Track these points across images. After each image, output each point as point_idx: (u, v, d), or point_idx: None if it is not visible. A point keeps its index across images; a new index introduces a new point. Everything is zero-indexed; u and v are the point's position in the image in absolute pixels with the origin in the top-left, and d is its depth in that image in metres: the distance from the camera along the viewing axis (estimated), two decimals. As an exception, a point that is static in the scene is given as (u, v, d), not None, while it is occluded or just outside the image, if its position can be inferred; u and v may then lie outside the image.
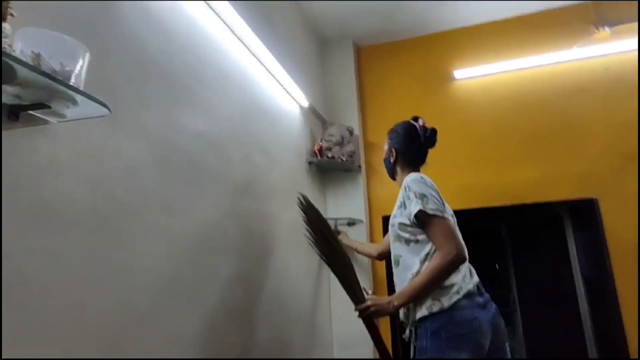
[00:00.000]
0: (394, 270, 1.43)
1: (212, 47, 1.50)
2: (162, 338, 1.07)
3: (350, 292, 1.56)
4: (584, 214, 2.37)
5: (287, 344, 1.81)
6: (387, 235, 1.76)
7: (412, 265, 1.34)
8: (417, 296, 1.28)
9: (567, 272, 2.42)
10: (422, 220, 1.31)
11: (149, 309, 1.04)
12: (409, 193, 1.37)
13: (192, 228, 1.25)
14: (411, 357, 1.30)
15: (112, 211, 0.96)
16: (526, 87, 2.53)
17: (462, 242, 1.32)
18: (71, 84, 0.72)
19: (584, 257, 2.45)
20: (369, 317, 1.43)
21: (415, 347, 1.29)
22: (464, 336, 1.20)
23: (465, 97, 2.62)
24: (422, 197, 1.32)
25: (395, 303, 1.32)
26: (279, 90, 2.05)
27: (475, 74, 2.60)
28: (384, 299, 1.39)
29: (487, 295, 1.33)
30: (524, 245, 2.83)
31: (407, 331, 1.34)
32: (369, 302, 1.42)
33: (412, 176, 1.41)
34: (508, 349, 1.33)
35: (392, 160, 1.57)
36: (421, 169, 1.56)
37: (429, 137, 1.54)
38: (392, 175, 1.62)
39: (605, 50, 2.42)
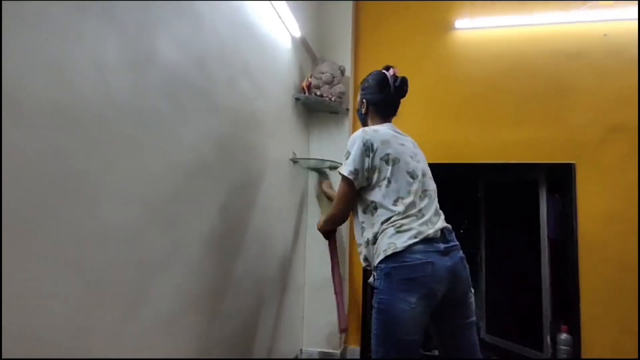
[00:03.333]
0: None
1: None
2: (125, 260, 1.00)
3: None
4: (559, 178, 2.42)
5: (261, 279, 1.80)
6: None
7: (359, 213, 1.41)
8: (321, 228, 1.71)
9: (535, 235, 2.51)
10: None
11: (113, 226, 0.96)
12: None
13: (169, 146, 1.15)
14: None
15: (76, 111, 0.85)
16: (525, 45, 2.46)
17: (347, 208, 1.44)
18: None
19: (553, 221, 2.54)
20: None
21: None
22: (416, 280, 1.22)
23: (462, 49, 2.53)
24: (347, 155, 1.39)
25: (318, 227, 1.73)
26: (271, 14, 1.88)
27: (477, 26, 2.49)
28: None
29: (453, 243, 1.33)
30: (498, 204, 2.90)
31: (372, 277, 1.36)
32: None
33: (356, 133, 1.43)
34: (472, 299, 1.34)
35: (363, 111, 1.57)
36: (392, 120, 1.55)
37: (399, 87, 1.51)
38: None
39: (607, 16, 2.35)
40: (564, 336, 2.35)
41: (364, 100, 1.55)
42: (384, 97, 1.51)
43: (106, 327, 0.93)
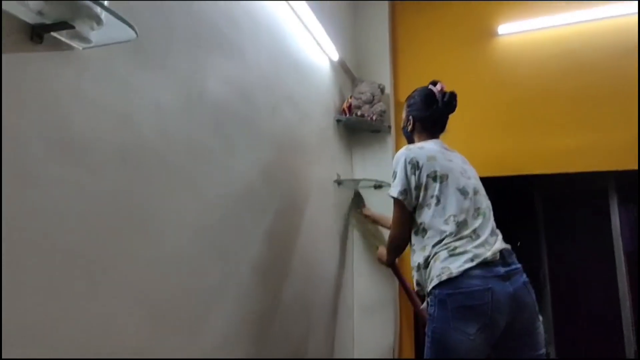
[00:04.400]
0: None
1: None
2: (184, 289, 1.04)
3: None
4: (632, 186, 2.20)
5: (310, 304, 1.80)
6: None
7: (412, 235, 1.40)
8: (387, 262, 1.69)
9: (608, 250, 2.28)
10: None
11: (173, 257, 1.01)
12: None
13: (219, 177, 1.21)
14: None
15: (139, 152, 0.93)
16: (577, 44, 2.30)
17: (404, 230, 1.37)
18: None
19: (628, 233, 2.30)
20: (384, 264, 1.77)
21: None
22: (473, 308, 1.13)
23: (509, 55, 2.42)
24: (394, 175, 1.37)
25: (383, 260, 1.71)
26: (309, 41, 1.94)
27: (521, 29, 2.38)
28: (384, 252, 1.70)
29: (515, 266, 1.22)
30: (560, 217, 2.69)
31: (425, 302, 1.30)
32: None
33: (400, 150, 1.40)
34: (541, 328, 1.22)
35: (409, 128, 1.53)
36: (440, 137, 1.50)
37: (448, 102, 1.46)
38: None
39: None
40: (652, 364, 2.08)
41: (411, 117, 1.51)
42: (431, 114, 1.47)
43: (169, 353, 0.97)
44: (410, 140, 1.54)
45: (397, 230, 1.40)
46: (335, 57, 2.15)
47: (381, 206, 2.34)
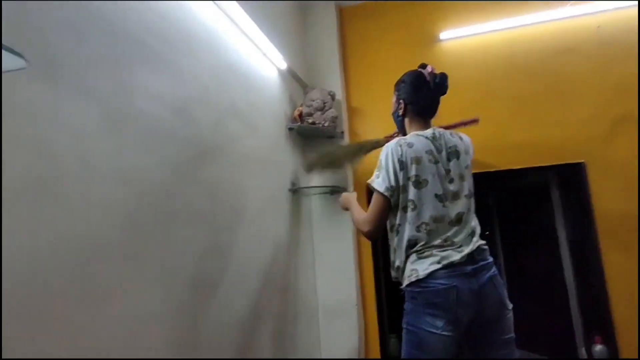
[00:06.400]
0: None
1: (175, 3, 1.37)
2: (124, 318, 1.01)
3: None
4: (570, 179, 2.34)
5: (269, 314, 1.79)
6: None
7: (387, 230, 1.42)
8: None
9: (553, 239, 2.43)
10: (371, 190, 1.37)
11: (106, 284, 0.98)
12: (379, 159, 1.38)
13: (152, 197, 1.17)
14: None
15: (55, 179, 0.88)
16: (515, 47, 2.43)
17: (382, 225, 1.37)
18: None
19: (569, 223, 2.44)
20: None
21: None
22: (439, 305, 1.22)
23: (451, 59, 2.51)
24: (379, 168, 1.36)
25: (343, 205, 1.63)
26: (254, 52, 1.93)
27: (462, 34, 2.47)
28: (348, 198, 1.62)
29: (482, 263, 1.27)
30: (511, 211, 2.82)
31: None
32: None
33: (389, 144, 1.37)
34: (509, 315, 1.28)
35: (400, 112, 1.48)
36: (432, 122, 1.48)
37: (440, 83, 1.44)
38: (403, 130, 1.51)
39: (597, 8, 2.30)
40: (598, 348, 2.18)
41: (401, 101, 1.46)
42: (423, 96, 1.44)
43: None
44: (401, 126, 1.50)
45: (374, 225, 1.35)
46: (283, 65, 2.15)
47: (338, 211, 2.37)
